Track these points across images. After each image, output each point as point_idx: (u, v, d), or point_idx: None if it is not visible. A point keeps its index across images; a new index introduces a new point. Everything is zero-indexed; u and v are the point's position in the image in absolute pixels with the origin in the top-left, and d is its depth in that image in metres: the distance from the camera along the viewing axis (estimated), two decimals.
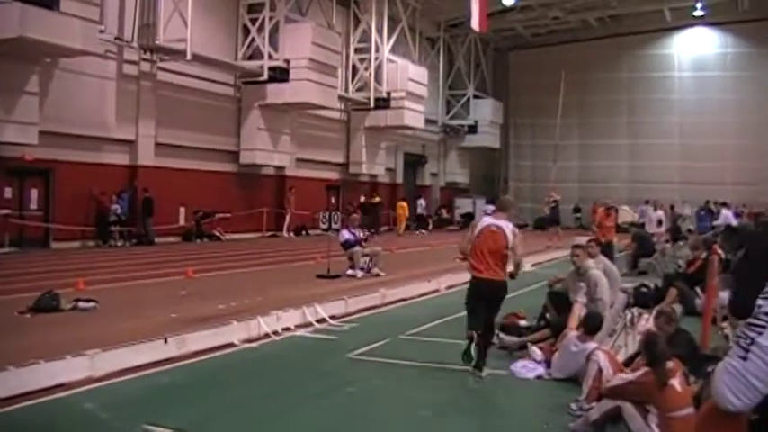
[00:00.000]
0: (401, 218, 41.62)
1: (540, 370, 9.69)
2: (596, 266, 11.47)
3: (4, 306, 13.06)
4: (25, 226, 25.07)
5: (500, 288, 9.73)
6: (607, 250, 17.57)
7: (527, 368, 9.76)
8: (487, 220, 9.94)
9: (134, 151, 29.00)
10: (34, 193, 25.94)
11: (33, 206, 25.83)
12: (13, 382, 8.12)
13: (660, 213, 30.03)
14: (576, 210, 51.70)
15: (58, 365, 8.67)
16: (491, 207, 50.62)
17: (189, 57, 28.29)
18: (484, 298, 9.72)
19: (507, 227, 9.75)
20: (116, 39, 27.72)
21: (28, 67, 23.31)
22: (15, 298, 13.71)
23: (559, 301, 11.19)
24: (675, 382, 6.84)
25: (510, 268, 10.02)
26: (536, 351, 10.07)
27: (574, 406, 7.96)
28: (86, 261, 21.74)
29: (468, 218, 50.96)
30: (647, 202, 43.24)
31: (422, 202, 48.75)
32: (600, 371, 8.00)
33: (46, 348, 9.17)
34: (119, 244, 27.58)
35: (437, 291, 18.23)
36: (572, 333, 9.65)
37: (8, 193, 24.62)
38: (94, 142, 27.30)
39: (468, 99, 54.94)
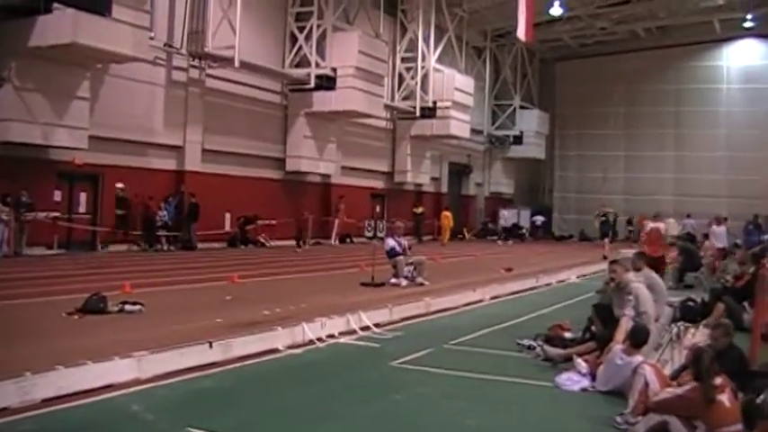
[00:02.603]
0: (445, 227, 41.47)
1: (585, 382, 9.60)
2: (637, 279, 11.36)
3: (52, 307, 13.22)
4: (73, 229, 25.36)
5: None
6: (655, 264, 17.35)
7: (572, 380, 9.68)
8: None
9: (181, 157, 29.26)
10: (83, 197, 26.28)
11: (82, 209, 26.16)
12: (62, 381, 8.20)
13: (723, 229, 29.20)
14: (629, 222, 51.17)
15: (106, 367, 8.75)
16: (540, 218, 51.18)
17: (237, 64, 28.52)
18: None
19: None
20: (165, 45, 28.06)
21: (79, 73, 23.67)
22: (63, 299, 13.87)
23: (605, 314, 11.09)
24: (724, 398, 6.76)
25: None
26: (581, 363, 9.97)
27: (619, 419, 7.87)
28: (133, 265, 21.93)
29: (516, 229, 50.93)
30: (688, 216, 42.94)
31: (505, 212, 51.15)
32: (646, 384, 7.90)
33: (94, 350, 9.25)
34: (165, 248, 27.81)
35: (481, 301, 18.12)
36: (618, 346, 9.55)
37: (58, 196, 24.94)
38: (142, 147, 27.63)
39: (514, 109, 54.88)
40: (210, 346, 10.16)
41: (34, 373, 7.99)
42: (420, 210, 42.04)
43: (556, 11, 48.37)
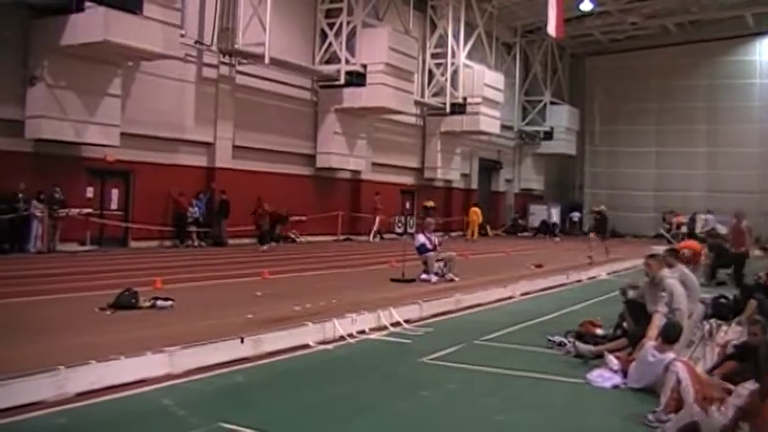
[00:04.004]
0: (473, 223, 41.34)
1: (617, 379, 9.53)
2: (672, 276, 11.28)
3: (85, 302, 13.31)
4: (105, 225, 25.56)
5: None
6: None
7: (603, 377, 9.61)
8: None
9: (212, 153, 29.41)
10: (115, 193, 26.50)
11: (114, 206, 26.37)
12: (94, 376, 8.26)
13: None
14: (663, 219, 50.78)
15: (138, 362, 8.80)
16: (577, 214, 50.77)
17: (267, 60, 28.60)
18: None
19: None
20: (196, 42, 28.22)
21: (111, 70, 23.85)
22: (96, 295, 13.96)
23: (637, 311, 11.01)
24: None
25: None
26: (612, 360, 9.90)
27: (651, 417, 7.80)
28: (164, 260, 22.07)
29: (544, 226, 50.66)
30: (709, 212, 42.50)
31: (554, 211, 51.40)
32: (679, 382, 7.82)
33: (126, 345, 9.31)
34: (196, 244, 27.96)
35: (512, 297, 18.08)
36: (650, 343, 9.48)
37: (90, 192, 25.16)
38: (173, 144, 27.80)
39: (545, 105, 54.66)
40: (242, 341, 10.20)
41: (68, 367, 8.05)
42: (430, 203, 40.97)
43: (586, 6, 48.23)
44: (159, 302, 13.23)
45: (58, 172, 23.32)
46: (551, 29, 42.45)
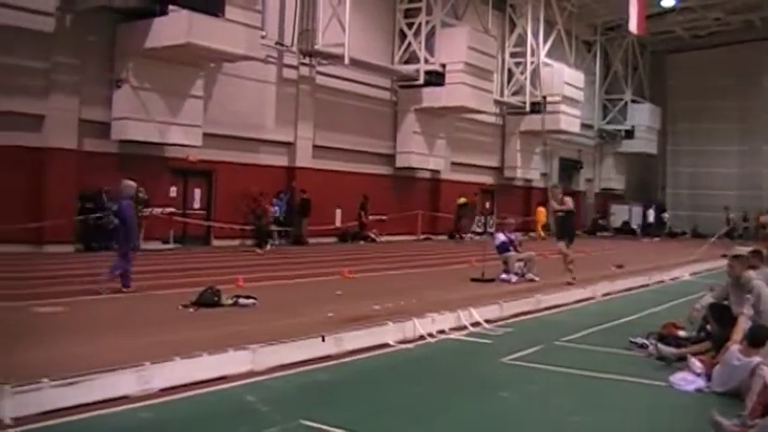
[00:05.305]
0: (540, 222, 40.82)
1: (700, 383, 9.32)
2: (757, 277, 10.99)
3: (168, 300, 13.55)
4: (188, 224, 25.94)
5: None
6: None
7: (686, 380, 9.42)
8: None
9: (292, 153, 29.66)
10: (197, 193, 26.90)
11: (196, 205, 26.78)
12: (178, 372, 8.40)
13: None
14: (745, 218, 49.71)
15: (221, 358, 8.92)
16: (666, 215, 49.56)
17: (347, 61, 28.71)
18: None
19: None
20: (276, 44, 28.47)
21: (193, 72, 24.21)
22: (179, 292, 14.22)
23: (721, 313, 10.77)
24: None
25: None
26: (696, 363, 9.69)
27: (736, 422, 7.62)
28: (245, 259, 22.31)
29: (626, 226, 49.97)
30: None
31: (651, 211, 50.49)
32: (765, 386, 7.62)
33: (208, 342, 9.44)
34: (277, 243, 28.18)
35: (592, 298, 17.88)
36: (735, 346, 9.24)
37: (173, 192, 25.57)
38: (254, 144, 28.11)
39: (625, 103, 53.88)
40: (323, 339, 10.26)
41: (152, 363, 8.21)
42: (462, 200, 37.58)
43: (668, 2, 47.54)
44: (241, 300, 13.40)
45: (142, 172, 23.65)
46: (632, 26, 41.90)
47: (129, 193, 15.87)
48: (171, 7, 22.05)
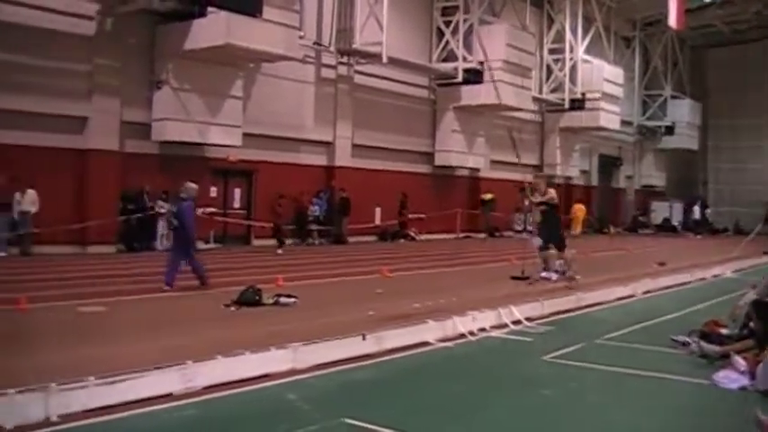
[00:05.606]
0: (577, 220, 40.56)
1: (744, 381, 9.22)
2: None
3: (210, 299, 13.68)
4: (228, 223, 26.09)
5: None
6: None
7: (729, 378, 9.32)
8: None
9: (331, 152, 29.75)
10: (237, 193, 27.05)
11: (236, 205, 26.92)
12: (220, 370, 8.46)
13: None
14: None
15: (263, 357, 8.97)
16: (708, 211, 48.96)
17: (384, 60, 28.73)
18: None
19: None
20: (314, 44, 28.54)
21: (232, 73, 24.37)
22: (220, 291, 14.36)
23: (764, 311, 10.64)
24: None
25: None
26: (739, 361, 9.59)
27: None
28: (286, 258, 22.41)
29: (667, 223, 49.53)
30: None
31: (696, 208, 49.49)
32: None
33: (250, 340, 9.51)
34: (317, 242, 28.28)
35: (633, 296, 17.75)
36: None
37: (213, 192, 25.70)
38: (293, 144, 28.23)
39: (665, 99, 53.33)
40: (363, 338, 10.28)
41: (195, 361, 8.28)
42: (489, 196, 36.90)
43: None
44: (282, 299, 13.50)
45: (182, 172, 23.78)
46: (672, 20, 41.60)
47: (190, 194, 16.10)
48: (209, 9, 22.23)
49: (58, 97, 21.14)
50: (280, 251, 24.62)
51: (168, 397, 7.77)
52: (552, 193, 17.50)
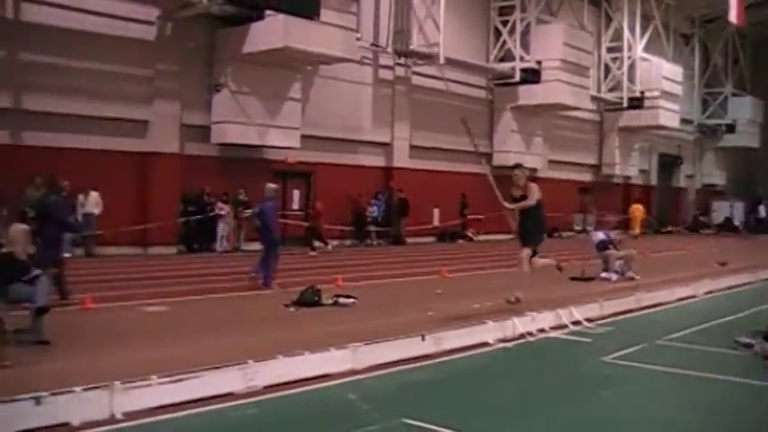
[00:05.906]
0: (636, 220, 40.05)
1: None
2: None
3: (270, 299, 13.79)
4: (288, 225, 26.22)
5: None
6: None
7: None
8: None
9: (389, 153, 29.83)
10: (296, 194, 27.21)
11: (295, 206, 27.08)
12: (281, 369, 8.54)
13: None
14: None
15: (323, 357, 9.03)
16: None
17: (442, 60, 28.78)
18: None
19: None
20: (372, 45, 28.65)
21: (291, 75, 24.57)
22: (281, 292, 14.46)
23: None
24: None
25: None
26: None
27: None
28: (344, 259, 22.51)
29: (728, 223, 48.75)
30: None
31: (762, 207, 48.60)
32: None
33: (310, 340, 9.57)
34: (375, 243, 28.36)
35: (694, 296, 17.51)
36: None
37: None
38: (352, 145, 28.37)
39: (726, 97, 52.48)
40: (423, 338, 10.29)
41: (257, 361, 8.36)
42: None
43: None
44: (342, 300, 13.55)
45: (242, 174, 24.13)
46: (732, 16, 41.00)
47: (271, 195, 16.27)
48: (267, 12, 22.46)
49: (120, 101, 21.53)
50: (313, 253, 23.81)
51: (229, 396, 7.85)
52: (534, 188, 15.39)
